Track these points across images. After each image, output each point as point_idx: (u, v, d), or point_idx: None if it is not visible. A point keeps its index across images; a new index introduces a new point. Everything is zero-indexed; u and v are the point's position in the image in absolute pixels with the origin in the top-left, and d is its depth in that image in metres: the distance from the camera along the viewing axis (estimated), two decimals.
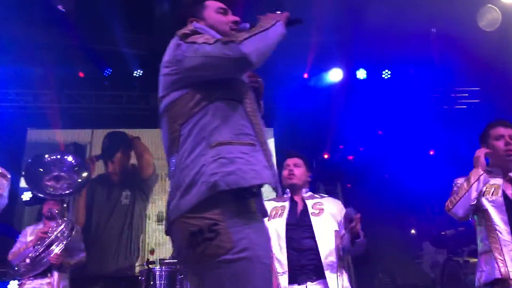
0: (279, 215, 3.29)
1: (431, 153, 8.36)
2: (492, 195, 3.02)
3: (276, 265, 3.10)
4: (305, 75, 7.98)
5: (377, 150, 7.68)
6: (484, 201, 3.02)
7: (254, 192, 1.84)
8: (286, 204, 3.36)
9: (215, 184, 1.71)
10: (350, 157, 8.23)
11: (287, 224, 3.22)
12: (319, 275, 3.08)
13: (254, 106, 1.98)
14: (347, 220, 3.07)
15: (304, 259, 3.11)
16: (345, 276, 3.14)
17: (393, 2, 6.37)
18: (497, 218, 2.96)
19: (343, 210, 3.28)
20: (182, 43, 1.91)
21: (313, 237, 3.17)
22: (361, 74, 7.93)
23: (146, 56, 7.61)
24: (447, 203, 3.12)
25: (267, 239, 1.82)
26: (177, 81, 1.91)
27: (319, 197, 3.44)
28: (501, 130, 3.11)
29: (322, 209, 3.30)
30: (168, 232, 1.89)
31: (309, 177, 3.48)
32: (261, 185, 1.87)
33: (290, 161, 3.45)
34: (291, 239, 3.16)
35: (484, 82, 8.01)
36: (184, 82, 1.90)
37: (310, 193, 3.45)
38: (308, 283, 3.07)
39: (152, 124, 8.25)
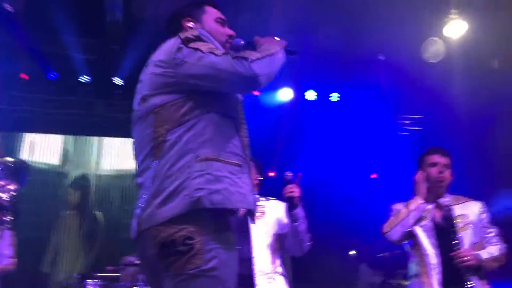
0: None
1: (373, 176, 8.56)
2: (423, 220, 3.13)
3: None
4: (256, 93, 8.02)
5: (322, 171, 7.78)
6: (415, 227, 3.13)
7: (235, 212, 1.81)
8: None
9: (199, 200, 1.67)
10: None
11: None
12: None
13: (246, 127, 1.93)
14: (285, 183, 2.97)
15: (241, 268, 3.02)
16: (279, 282, 3.04)
17: (345, 27, 6.55)
18: (426, 242, 3.07)
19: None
20: (183, 47, 1.81)
21: (249, 243, 3.05)
22: (311, 95, 8.05)
23: (94, 61, 7.46)
24: (384, 226, 3.21)
25: (236, 262, 1.79)
26: (171, 84, 1.82)
27: (264, 199, 3.29)
28: (436, 158, 3.25)
29: (264, 212, 3.16)
30: (135, 239, 1.83)
31: (256, 179, 3.29)
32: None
33: None
34: None
35: (427, 111, 8.32)
36: (179, 87, 1.82)
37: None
38: None
39: (94, 132, 8.08)
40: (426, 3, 6.39)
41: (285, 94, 7.94)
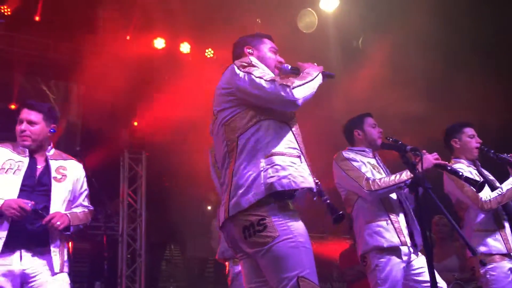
0: (14, 172, 2.98)
1: None
2: None
3: None
4: (128, 37, 7.69)
5: (180, 123, 7.71)
6: None
7: (293, 195, 2.33)
8: (25, 160, 3.05)
9: (271, 185, 2.19)
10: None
11: (22, 185, 2.95)
12: (43, 244, 2.93)
13: (297, 126, 2.46)
14: None
15: (31, 226, 2.90)
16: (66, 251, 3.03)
17: None
18: None
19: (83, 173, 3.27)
20: (239, 72, 2.37)
21: (47, 207, 2.97)
22: (185, 47, 7.93)
23: None
24: None
25: (305, 230, 2.26)
26: (231, 100, 2.39)
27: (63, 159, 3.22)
28: None
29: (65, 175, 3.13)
30: (222, 227, 2.34)
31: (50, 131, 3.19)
32: (303, 189, 2.32)
33: None
34: None
35: None
36: (237, 102, 2.37)
37: (54, 151, 3.23)
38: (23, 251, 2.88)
39: None
40: None
41: (158, 43, 7.71)
